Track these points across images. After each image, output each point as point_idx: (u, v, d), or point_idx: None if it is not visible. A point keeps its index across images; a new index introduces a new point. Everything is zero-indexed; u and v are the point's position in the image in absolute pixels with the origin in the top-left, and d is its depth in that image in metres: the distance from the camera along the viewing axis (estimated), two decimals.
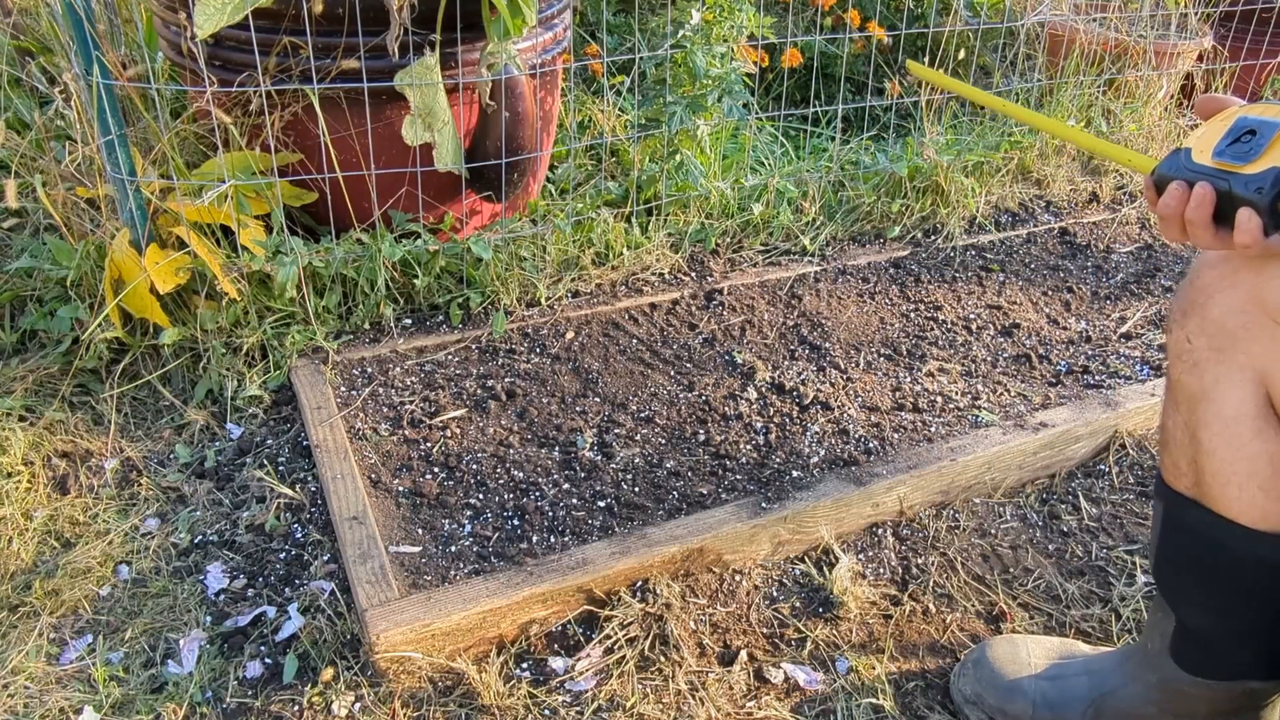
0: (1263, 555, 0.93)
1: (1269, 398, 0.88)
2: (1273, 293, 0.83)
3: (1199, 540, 0.97)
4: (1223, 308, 0.88)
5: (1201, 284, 0.91)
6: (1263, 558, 0.93)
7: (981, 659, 1.20)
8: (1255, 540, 0.92)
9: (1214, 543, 0.96)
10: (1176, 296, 0.96)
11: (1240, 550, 0.94)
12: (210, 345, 1.68)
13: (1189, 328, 0.93)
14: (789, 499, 1.42)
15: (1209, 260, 0.91)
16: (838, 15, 2.92)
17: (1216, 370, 0.90)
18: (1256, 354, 0.86)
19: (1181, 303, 0.94)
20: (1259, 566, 0.94)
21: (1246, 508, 0.92)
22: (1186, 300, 0.93)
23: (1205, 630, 1.01)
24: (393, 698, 1.18)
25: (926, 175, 2.35)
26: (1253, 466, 0.90)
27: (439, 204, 1.92)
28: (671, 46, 2.13)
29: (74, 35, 1.51)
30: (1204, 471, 0.94)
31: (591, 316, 1.92)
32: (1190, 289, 0.93)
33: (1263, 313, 0.84)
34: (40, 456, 1.53)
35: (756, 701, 1.20)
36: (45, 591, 1.32)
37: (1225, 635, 1.00)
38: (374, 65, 1.68)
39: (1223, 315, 0.88)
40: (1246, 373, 0.88)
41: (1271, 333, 0.84)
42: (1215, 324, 0.89)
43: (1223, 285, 0.89)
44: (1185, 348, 0.93)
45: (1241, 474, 0.91)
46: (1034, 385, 1.77)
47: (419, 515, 1.42)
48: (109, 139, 1.58)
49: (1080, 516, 1.54)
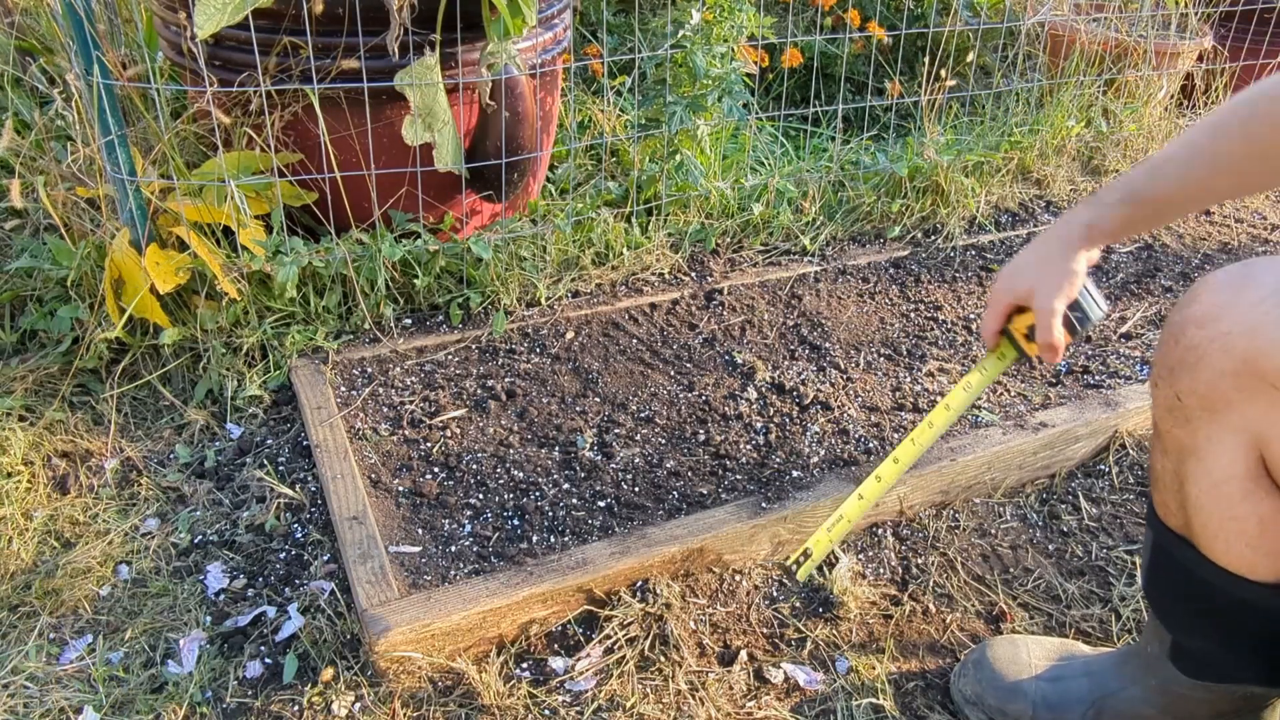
0: (1250, 599, 0.93)
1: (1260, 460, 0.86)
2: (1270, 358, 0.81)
3: (1189, 577, 0.97)
4: (1215, 370, 0.86)
5: (1189, 343, 0.88)
6: (1251, 601, 0.93)
7: (981, 659, 1.20)
8: (1243, 586, 0.92)
9: (1203, 582, 0.95)
10: (1160, 352, 0.93)
11: (1229, 592, 0.93)
12: (210, 345, 1.68)
13: (1178, 386, 0.90)
14: (789, 499, 1.42)
15: (1194, 318, 0.88)
16: (838, 15, 2.93)
17: (1209, 429, 0.88)
18: (1253, 417, 0.84)
19: (1168, 360, 0.92)
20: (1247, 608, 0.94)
21: (1234, 560, 0.92)
22: (1174, 359, 0.91)
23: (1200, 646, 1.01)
24: (393, 698, 1.18)
25: (926, 175, 2.35)
26: (1240, 527, 0.89)
27: (439, 204, 1.92)
28: (671, 46, 2.13)
29: (74, 35, 1.51)
30: (1192, 520, 0.94)
31: (591, 316, 1.92)
32: (1176, 347, 0.90)
33: (1259, 377, 0.82)
34: (40, 456, 1.53)
35: (756, 701, 1.20)
36: (45, 591, 1.32)
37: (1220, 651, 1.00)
38: (374, 65, 1.68)
39: (1215, 378, 0.86)
40: (1239, 435, 0.86)
41: (1270, 397, 0.82)
42: (1208, 385, 0.86)
43: (1213, 347, 0.86)
44: (1175, 404, 0.91)
45: (1229, 532, 0.90)
46: (1034, 385, 1.77)
47: (419, 515, 1.42)
48: (109, 139, 1.58)
49: (1080, 516, 1.54)
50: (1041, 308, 1.03)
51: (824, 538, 1.16)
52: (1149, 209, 1.00)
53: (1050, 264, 1.03)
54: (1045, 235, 1.06)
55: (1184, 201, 0.99)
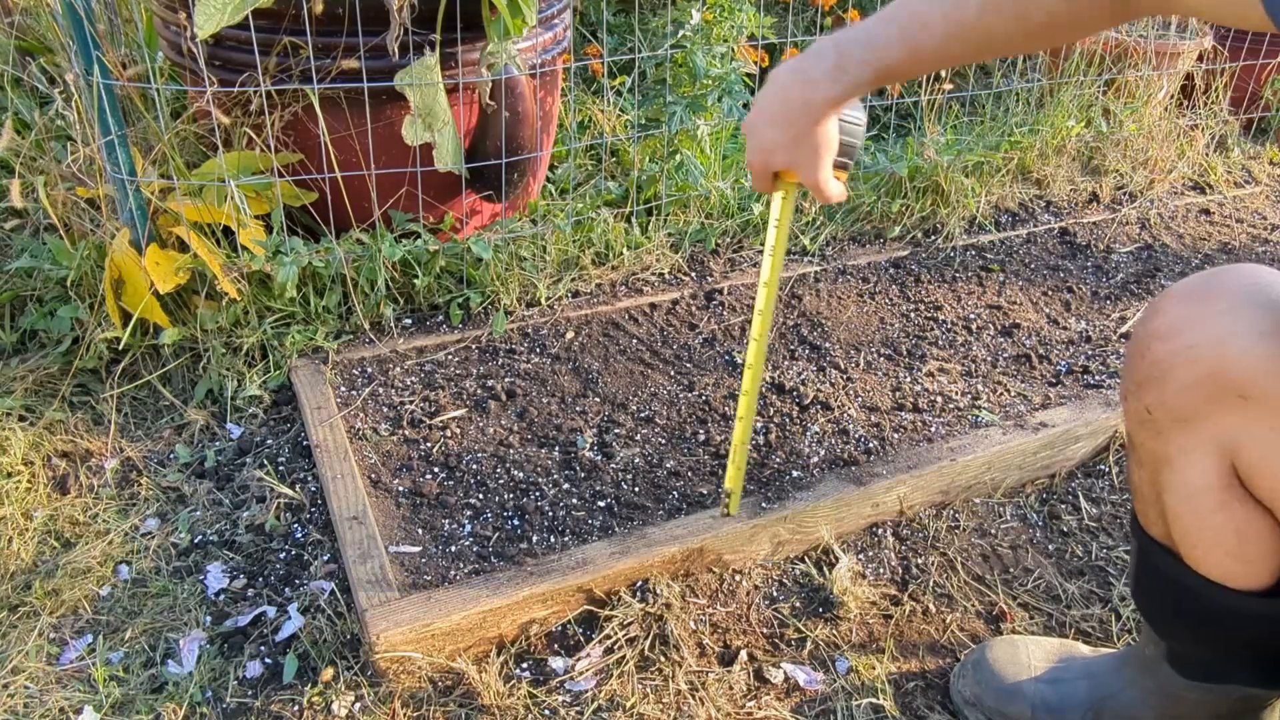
0: (1235, 606, 0.93)
1: (1233, 469, 0.86)
2: (1236, 367, 0.80)
3: (1174, 585, 0.97)
4: (1183, 383, 0.85)
5: (1155, 358, 0.88)
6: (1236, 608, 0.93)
7: (981, 660, 1.20)
8: (1227, 595, 0.92)
9: (1187, 590, 0.95)
10: (1127, 367, 0.93)
11: (1214, 600, 0.93)
12: (210, 345, 1.68)
13: (1147, 400, 0.90)
14: (789, 499, 1.42)
15: (1158, 332, 0.88)
16: (838, 15, 2.92)
17: (1181, 440, 0.88)
18: (1223, 428, 0.84)
19: (1135, 375, 0.91)
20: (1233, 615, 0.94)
21: (1214, 568, 0.92)
22: (1141, 374, 0.90)
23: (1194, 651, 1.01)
24: (393, 698, 1.18)
25: (926, 175, 2.35)
26: (1218, 536, 0.89)
27: (439, 204, 1.92)
28: (671, 46, 2.13)
29: (74, 35, 1.51)
30: (1172, 529, 0.94)
31: (591, 316, 1.92)
32: (1142, 361, 0.90)
33: (1227, 388, 0.82)
34: (40, 456, 1.53)
35: (756, 701, 1.20)
36: (45, 591, 1.32)
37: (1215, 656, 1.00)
38: (374, 65, 1.68)
39: (1184, 390, 0.85)
40: (1211, 445, 0.86)
41: (1240, 407, 0.81)
42: (1176, 398, 0.86)
43: (1179, 361, 0.85)
44: (1146, 417, 0.91)
45: (1208, 541, 0.90)
46: (1034, 385, 1.77)
47: (419, 515, 1.42)
48: (109, 139, 1.58)
49: (1080, 516, 1.54)
50: (808, 181, 1.02)
51: (731, 472, 1.23)
52: (898, 77, 0.96)
53: (802, 141, 0.99)
54: (786, 100, 0.98)
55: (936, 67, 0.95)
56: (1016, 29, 0.86)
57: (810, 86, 0.96)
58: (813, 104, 0.96)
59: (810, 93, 0.96)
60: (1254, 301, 0.82)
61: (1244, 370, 0.80)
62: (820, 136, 0.99)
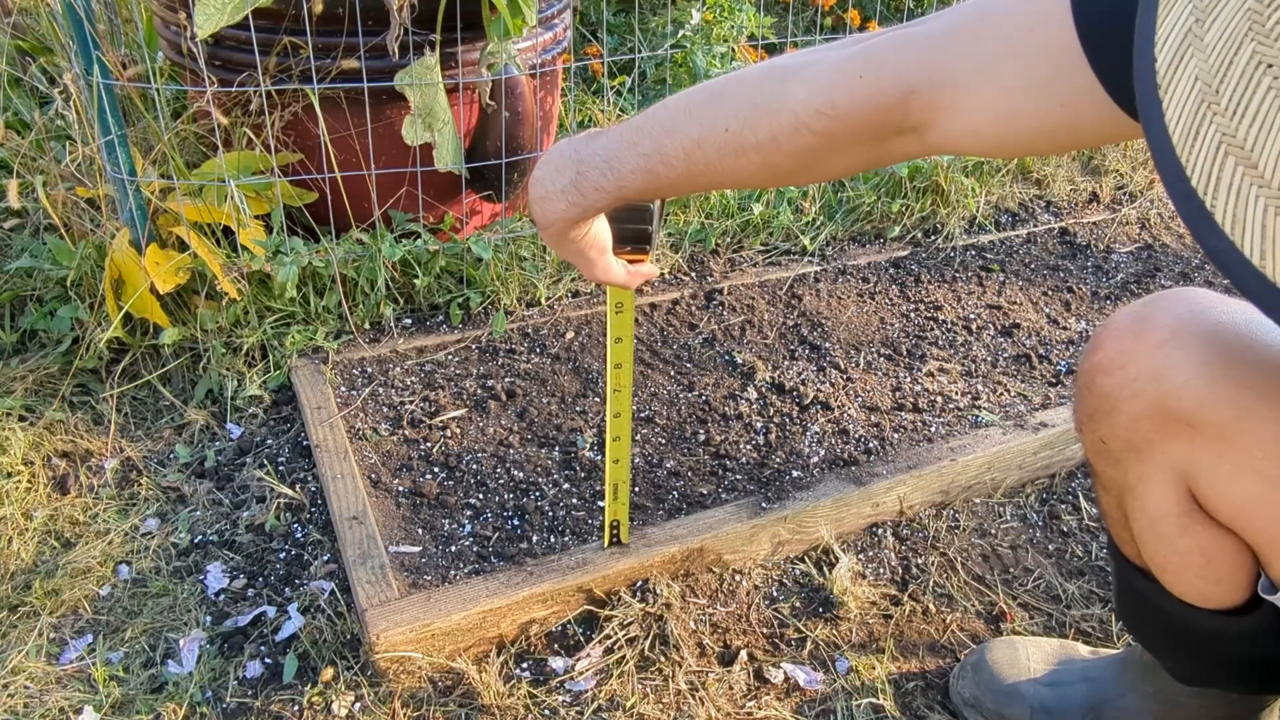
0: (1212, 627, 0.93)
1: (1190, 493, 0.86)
2: (1179, 401, 0.80)
3: (1153, 606, 0.97)
4: (1131, 416, 0.85)
5: (1101, 392, 0.88)
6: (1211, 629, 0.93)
7: (980, 662, 1.20)
8: (1203, 616, 0.92)
9: (1164, 611, 0.96)
10: (1077, 400, 0.93)
11: (1191, 621, 0.94)
12: (210, 345, 1.68)
13: (1100, 432, 0.90)
14: (789, 499, 1.42)
15: (1101, 366, 0.88)
16: (838, 15, 2.93)
17: (1138, 468, 0.88)
18: (1176, 456, 0.84)
19: (1085, 408, 0.91)
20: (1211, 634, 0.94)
21: (1187, 590, 0.92)
22: (1090, 407, 0.90)
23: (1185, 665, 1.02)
24: (393, 698, 1.18)
25: (926, 175, 2.35)
26: (1186, 560, 0.89)
27: (439, 204, 1.92)
28: (671, 46, 2.13)
29: (74, 35, 1.51)
30: (1143, 552, 0.94)
31: (591, 316, 1.92)
32: (1090, 395, 0.90)
33: (1173, 419, 0.82)
34: (40, 456, 1.53)
35: (756, 701, 1.20)
36: (45, 591, 1.32)
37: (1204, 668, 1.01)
38: (374, 65, 1.68)
39: (1133, 422, 0.85)
40: (1167, 472, 0.86)
41: (1189, 436, 0.81)
42: (1127, 429, 0.86)
43: (1124, 394, 0.85)
44: (1101, 448, 0.91)
45: (1176, 565, 0.90)
46: (1034, 385, 1.77)
47: (419, 515, 1.42)
48: (109, 139, 1.58)
49: (1080, 516, 1.54)
50: (599, 279, 1.02)
51: (615, 506, 1.27)
52: (643, 198, 0.92)
53: (562, 248, 0.97)
54: (534, 204, 0.92)
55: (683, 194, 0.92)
56: (762, 175, 0.82)
57: (546, 203, 0.91)
58: (550, 223, 0.92)
59: (546, 211, 0.91)
60: (1191, 330, 0.81)
61: (1187, 403, 0.80)
62: (577, 244, 0.95)
